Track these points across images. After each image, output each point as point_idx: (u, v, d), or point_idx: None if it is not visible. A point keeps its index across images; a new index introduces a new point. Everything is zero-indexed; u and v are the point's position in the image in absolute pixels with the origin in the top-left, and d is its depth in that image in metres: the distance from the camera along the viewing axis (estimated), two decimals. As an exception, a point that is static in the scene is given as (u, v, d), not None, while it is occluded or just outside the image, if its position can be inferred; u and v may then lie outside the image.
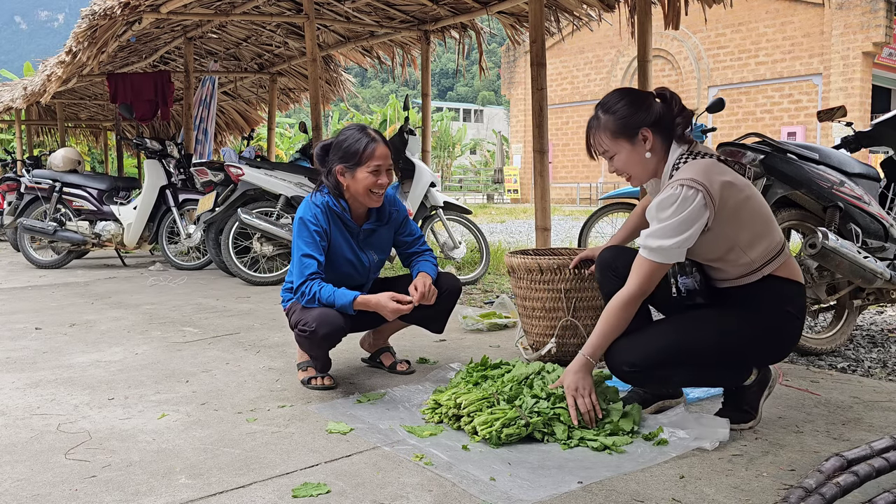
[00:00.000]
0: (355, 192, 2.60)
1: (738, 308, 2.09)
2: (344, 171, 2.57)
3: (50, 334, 3.70)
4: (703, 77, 19.57)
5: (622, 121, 2.08)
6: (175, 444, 2.07)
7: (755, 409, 2.17)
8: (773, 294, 2.06)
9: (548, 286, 2.80)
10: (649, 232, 2.02)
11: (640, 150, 2.09)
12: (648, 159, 2.10)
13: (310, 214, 2.59)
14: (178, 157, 6.85)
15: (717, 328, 2.07)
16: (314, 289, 2.50)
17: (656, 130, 2.08)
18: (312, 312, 2.49)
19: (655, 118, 2.08)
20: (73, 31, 6.15)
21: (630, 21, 5.35)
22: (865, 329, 3.71)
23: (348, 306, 2.48)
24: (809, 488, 1.53)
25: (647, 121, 2.07)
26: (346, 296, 2.49)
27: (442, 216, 5.50)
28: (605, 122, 2.11)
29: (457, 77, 8.20)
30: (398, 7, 6.75)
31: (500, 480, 1.78)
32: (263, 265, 5.65)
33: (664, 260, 2.00)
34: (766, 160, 2.97)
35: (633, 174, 2.14)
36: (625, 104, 2.09)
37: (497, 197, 26.89)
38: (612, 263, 2.27)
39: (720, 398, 2.27)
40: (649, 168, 2.12)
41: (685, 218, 1.95)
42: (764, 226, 2.05)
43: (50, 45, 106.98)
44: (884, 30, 16.14)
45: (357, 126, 2.65)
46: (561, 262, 2.78)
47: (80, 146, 18.34)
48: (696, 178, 1.96)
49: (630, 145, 2.09)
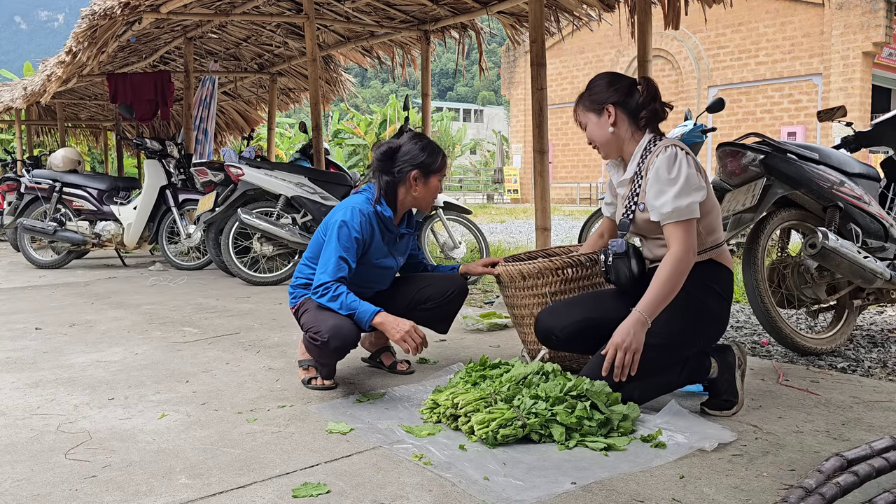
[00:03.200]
0: (419, 198, 2.69)
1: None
2: (419, 177, 2.65)
3: (50, 334, 3.70)
4: (703, 77, 19.56)
5: (593, 97, 2.36)
6: (175, 444, 2.07)
7: (735, 395, 2.27)
8: (705, 274, 2.25)
9: (532, 292, 2.65)
10: (673, 194, 2.15)
11: (603, 123, 2.34)
12: (611, 133, 2.34)
13: (356, 222, 2.60)
14: (178, 157, 6.85)
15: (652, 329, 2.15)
16: (341, 290, 2.51)
17: (622, 110, 2.32)
18: (327, 322, 2.46)
19: (623, 99, 2.32)
20: (73, 31, 6.16)
21: (630, 21, 5.35)
22: (865, 329, 3.71)
23: (366, 321, 2.49)
24: (809, 488, 1.53)
25: (612, 99, 2.32)
26: (368, 311, 2.48)
27: (442, 216, 5.50)
28: (583, 96, 2.40)
29: (457, 77, 8.20)
30: (398, 7, 6.75)
31: (495, 480, 1.78)
32: (263, 265, 5.65)
33: (695, 214, 2.17)
34: (766, 160, 2.97)
35: (598, 144, 2.39)
36: (602, 83, 2.36)
37: (497, 197, 26.88)
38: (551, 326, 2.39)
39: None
40: (611, 142, 2.36)
41: (693, 171, 2.18)
42: (718, 216, 2.31)
43: (50, 45, 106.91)
44: (884, 30, 16.13)
45: (420, 136, 2.73)
46: (543, 266, 2.62)
47: (80, 146, 18.33)
48: (681, 146, 2.24)
49: (596, 118, 2.36)
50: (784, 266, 3.16)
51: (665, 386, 2.27)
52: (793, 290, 3.13)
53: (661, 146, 2.24)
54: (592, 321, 2.33)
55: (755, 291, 2.99)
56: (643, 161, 2.28)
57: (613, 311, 2.30)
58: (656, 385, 2.24)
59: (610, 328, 2.23)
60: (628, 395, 2.15)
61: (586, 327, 2.33)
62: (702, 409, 2.29)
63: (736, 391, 2.26)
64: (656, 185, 2.19)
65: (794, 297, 3.14)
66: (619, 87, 2.33)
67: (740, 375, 2.29)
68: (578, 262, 2.61)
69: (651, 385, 2.22)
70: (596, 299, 2.45)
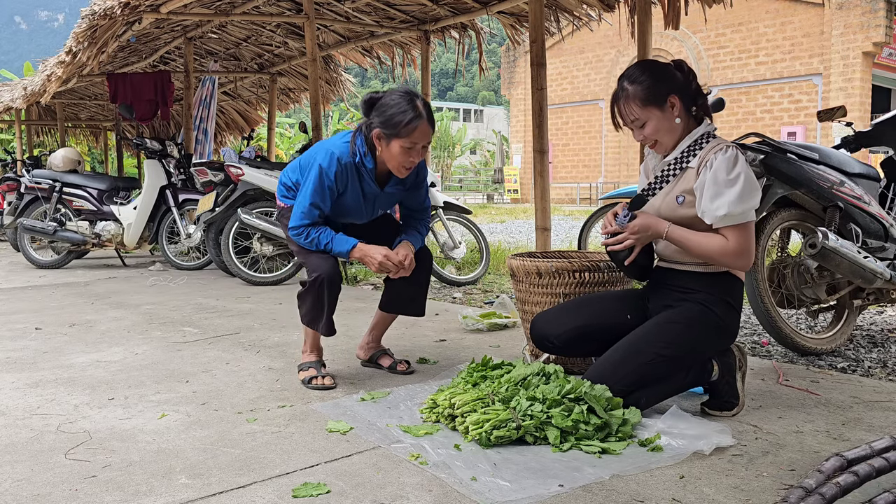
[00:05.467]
0: (386, 160, 2.53)
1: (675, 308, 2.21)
2: (381, 137, 2.48)
3: (50, 334, 3.70)
4: (703, 77, 19.55)
5: (650, 89, 2.17)
6: (175, 444, 2.07)
7: (735, 396, 2.26)
8: (722, 287, 2.21)
9: (546, 290, 2.71)
10: (731, 198, 2.07)
11: (669, 116, 2.18)
12: (678, 125, 2.19)
13: (332, 172, 2.55)
14: (178, 157, 6.84)
15: (665, 340, 2.15)
16: (312, 235, 2.58)
17: (682, 99, 2.18)
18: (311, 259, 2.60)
19: (680, 86, 2.18)
20: (73, 31, 6.15)
21: (630, 21, 5.35)
22: (865, 329, 3.71)
23: (345, 254, 2.57)
24: (809, 488, 1.53)
25: (673, 88, 2.17)
26: (345, 243, 2.56)
27: (442, 216, 5.50)
28: (635, 92, 2.18)
29: (457, 77, 8.19)
30: (398, 7, 6.75)
31: (483, 480, 1.77)
32: (263, 265, 5.65)
33: (753, 218, 2.12)
34: (766, 160, 2.97)
35: (662, 140, 2.22)
36: (650, 74, 2.19)
37: (497, 197, 26.88)
38: (547, 333, 2.38)
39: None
40: (677, 135, 2.21)
41: (752, 175, 2.10)
42: None
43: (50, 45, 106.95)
44: (884, 30, 16.14)
45: (406, 93, 2.48)
46: (560, 266, 2.69)
47: (80, 146, 18.32)
48: (735, 146, 2.13)
49: (660, 112, 2.18)
50: (784, 266, 3.16)
51: (671, 391, 2.26)
52: (793, 290, 3.13)
53: (719, 144, 2.14)
54: (588, 328, 2.32)
55: (755, 291, 2.99)
56: (692, 151, 2.18)
57: (610, 316, 2.30)
58: (662, 391, 2.23)
59: (607, 332, 2.23)
60: (634, 401, 2.14)
61: (582, 334, 2.32)
62: (702, 409, 2.29)
63: (737, 392, 2.26)
64: (713, 188, 2.09)
65: (794, 297, 3.14)
66: (668, 73, 2.19)
67: (741, 377, 2.28)
68: (596, 267, 2.62)
69: (657, 391, 2.21)
70: (592, 303, 2.41)
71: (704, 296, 2.19)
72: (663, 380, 2.20)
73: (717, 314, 2.20)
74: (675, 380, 2.24)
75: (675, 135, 2.21)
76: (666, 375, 2.20)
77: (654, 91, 2.16)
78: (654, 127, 2.19)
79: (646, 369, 2.14)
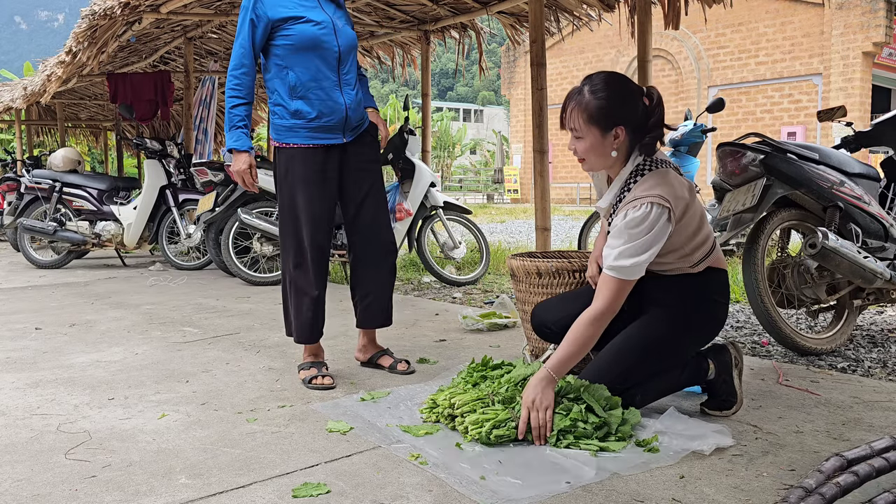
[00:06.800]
0: None
1: (663, 305, 2.20)
2: None
3: (50, 334, 3.70)
4: (703, 77, 19.56)
5: (602, 110, 2.06)
6: (175, 444, 2.07)
7: (733, 394, 2.26)
8: (705, 285, 2.20)
9: (546, 290, 2.71)
10: (619, 251, 2.04)
11: (608, 143, 2.10)
12: (612, 157, 2.12)
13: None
14: (178, 157, 6.85)
15: (653, 339, 2.16)
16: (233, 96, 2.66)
17: (630, 132, 2.10)
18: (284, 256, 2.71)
19: (634, 121, 2.08)
20: (73, 31, 6.16)
21: (630, 21, 5.35)
22: (865, 329, 3.71)
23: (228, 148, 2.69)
24: (809, 488, 1.53)
25: (625, 119, 2.07)
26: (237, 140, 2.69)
27: (442, 216, 5.50)
28: (587, 104, 2.08)
29: (457, 77, 8.19)
30: (398, 7, 6.75)
31: (496, 478, 1.78)
32: (263, 265, 5.65)
33: (634, 276, 2.06)
34: (766, 160, 2.97)
35: (590, 162, 2.15)
36: (610, 94, 2.07)
37: (497, 197, 26.87)
38: (545, 319, 2.41)
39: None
40: (608, 164, 2.15)
41: (655, 235, 2.03)
42: (700, 229, 2.15)
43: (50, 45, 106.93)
44: (884, 30, 16.13)
45: None
46: (560, 266, 2.69)
47: (80, 146, 18.34)
48: (664, 195, 2.02)
49: (601, 136, 2.09)
50: (784, 266, 3.16)
51: (666, 389, 2.27)
52: (793, 290, 3.13)
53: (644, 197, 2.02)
54: None
55: (755, 291, 2.99)
56: (626, 189, 2.12)
57: None
58: (657, 388, 2.24)
59: None
60: (629, 398, 2.15)
61: None
62: (701, 409, 2.29)
63: (734, 391, 2.26)
64: (614, 232, 2.07)
65: (794, 297, 3.15)
66: (630, 102, 2.08)
67: (737, 375, 2.28)
68: None
69: (652, 388, 2.22)
70: (591, 293, 2.42)
71: (689, 301, 2.20)
72: (657, 376, 2.22)
73: (705, 312, 2.23)
74: (670, 377, 2.25)
75: (605, 161, 2.13)
76: (659, 372, 2.21)
77: (605, 113, 2.06)
78: (587, 146, 2.11)
79: (639, 366, 2.15)
